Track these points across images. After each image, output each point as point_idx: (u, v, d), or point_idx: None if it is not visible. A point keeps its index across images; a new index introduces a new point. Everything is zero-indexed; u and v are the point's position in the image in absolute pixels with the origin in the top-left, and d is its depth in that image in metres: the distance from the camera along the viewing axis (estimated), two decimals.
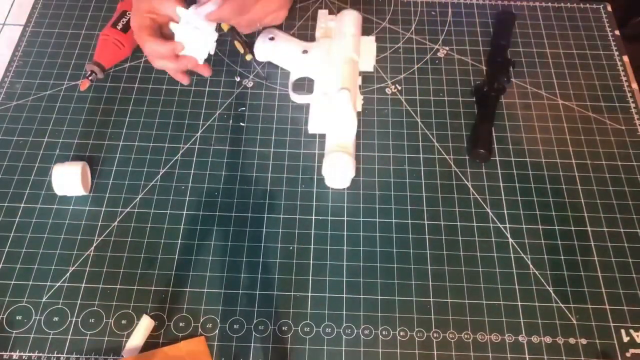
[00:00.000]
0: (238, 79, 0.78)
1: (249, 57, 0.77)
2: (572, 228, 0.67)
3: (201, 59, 0.70)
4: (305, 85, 0.77)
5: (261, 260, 0.64)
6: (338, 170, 0.67)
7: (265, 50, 0.77)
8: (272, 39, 0.77)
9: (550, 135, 0.74)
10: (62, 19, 0.84)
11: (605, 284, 0.63)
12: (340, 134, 0.69)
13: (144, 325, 0.59)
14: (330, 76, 0.73)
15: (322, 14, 0.82)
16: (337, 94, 0.69)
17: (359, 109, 0.73)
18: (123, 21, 0.77)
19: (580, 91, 0.78)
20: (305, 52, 0.76)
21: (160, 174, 0.70)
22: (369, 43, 0.79)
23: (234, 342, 0.59)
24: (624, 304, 0.62)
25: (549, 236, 0.66)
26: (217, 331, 0.60)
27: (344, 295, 0.62)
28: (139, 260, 0.64)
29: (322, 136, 0.73)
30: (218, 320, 0.60)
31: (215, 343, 0.59)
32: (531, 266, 0.64)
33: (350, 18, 0.78)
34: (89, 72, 0.75)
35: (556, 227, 0.67)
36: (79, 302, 0.61)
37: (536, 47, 0.82)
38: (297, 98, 0.75)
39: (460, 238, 0.66)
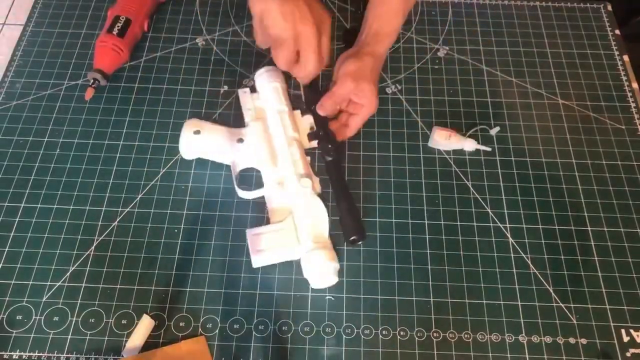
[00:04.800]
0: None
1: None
2: (572, 228, 0.67)
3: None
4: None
5: None
6: (318, 271, 0.60)
7: (192, 146, 0.68)
8: (197, 132, 0.67)
9: (551, 135, 0.74)
10: (62, 19, 0.84)
11: (605, 283, 0.63)
12: (309, 223, 0.62)
13: (144, 325, 0.59)
14: (280, 162, 0.66)
15: (244, 95, 0.72)
16: (299, 183, 0.63)
17: (318, 190, 0.65)
18: (118, 26, 0.77)
19: (581, 91, 0.78)
20: (240, 140, 0.68)
21: (160, 173, 0.70)
22: (304, 122, 0.70)
23: (234, 342, 0.59)
24: (624, 304, 0.62)
25: (549, 236, 0.66)
26: (217, 331, 0.60)
27: (344, 295, 0.62)
28: (139, 260, 0.64)
29: None
30: (218, 320, 0.60)
31: (215, 343, 0.59)
32: (531, 266, 0.64)
33: (272, 85, 0.70)
34: (92, 81, 0.75)
35: (556, 227, 0.67)
36: (79, 301, 0.61)
37: (536, 47, 0.82)
38: (247, 194, 0.66)
39: (460, 238, 0.66)
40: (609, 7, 0.87)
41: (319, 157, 0.69)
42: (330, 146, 0.67)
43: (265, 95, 0.71)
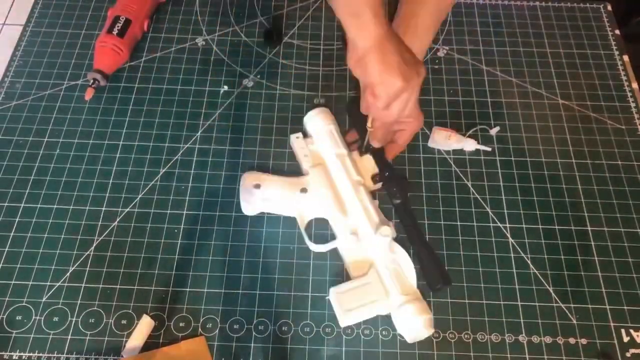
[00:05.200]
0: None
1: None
2: (572, 228, 0.67)
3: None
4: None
5: (261, 260, 0.64)
6: (412, 326, 0.57)
7: (255, 202, 0.65)
8: (257, 186, 0.64)
9: (551, 135, 0.74)
10: (62, 19, 0.84)
11: (605, 284, 0.63)
12: (395, 274, 0.59)
13: (144, 325, 0.59)
14: (350, 211, 0.63)
15: (297, 141, 0.68)
16: (378, 232, 0.60)
17: (394, 234, 0.62)
18: (118, 26, 0.77)
19: (581, 91, 0.78)
20: (304, 190, 0.65)
21: (160, 174, 0.70)
22: (365, 162, 0.67)
23: (234, 342, 0.59)
24: (624, 304, 0.62)
25: (549, 236, 0.66)
26: (217, 331, 0.60)
27: None
28: (139, 260, 0.64)
29: None
30: (218, 320, 0.60)
31: (215, 343, 0.59)
32: (531, 266, 0.64)
33: (325, 128, 0.68)
34: (92, 81, 0.75)
35: (556, 227, 0.67)
36: (79, 302, 0.61)
37: (536, 47, 0.82)
38: (320, 248, 0.63)
39: (460, 238, 0.66)
40: (609, 7, 0.87)
41: (386, 199, 0.67)
42: (395, 189, 0.64)
43: (319, 139, 0.68)
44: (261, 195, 0.64)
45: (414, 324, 0.57)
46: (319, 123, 0.69)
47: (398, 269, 0.60)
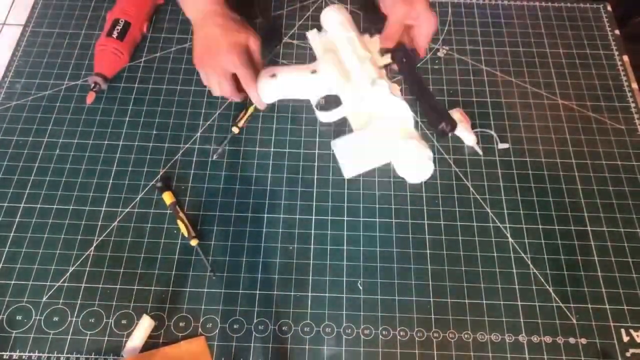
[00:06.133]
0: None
1: (194, 242, 0.65)
2: (572, 228, 0.67)
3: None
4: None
5: (261, 260, 0.64)
6: (415, 161, 0.59)
7: (272, 89, 0.67)
8: (274, 76, 0.67)
9: (550, 135, 0.74)
10: (62, 19, 0.84)
11: (605, 284, 0.63)
12: (394, 121, 0.61)
13: (144, 325, 0.59)
14: (356, 81, 0.65)
15: (311, 34, 0.71)
16: (374, 86, 0.62)
17: (398, 94, 0.63)
18: (117, 29, 0.77)
19: (580, 91, 0.78)
20: (314, 72, 0.67)
21: (160, 174, 0.70)
22: (374, 42, 0.69)
23: (234, 342, 0.59)
24: (624, 304, 0.62)
25: (549, 236, 0.66)
26: (217, 331, 0.60)
27: (344, 295, 0.62)
28: (139, 260, 0.64)
29: (324, 134, 0.73)
30: (218, 320, 0.60)
31: (215, 343, 0.59)
32: (531, 266, 0.64)
33: (337, 19, 0.69)
34: (93, 85, 0.75)
35: (556, 227, 0.67)
36: (79, 302, 0.61)
37: (536, 47, 0.82)
38: (327, 116, 0.65)
39: (460, 238, 0.66)
40: (609, 7, 0.87)
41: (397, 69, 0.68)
42: (401, 53, 0.66)
43: (332, 30, 0.69)
44: (277, 84, 0.66)
45: (420, 158, 0.58)
46: (333, 16, 0.69)
47: (396, 116, 0.61)
